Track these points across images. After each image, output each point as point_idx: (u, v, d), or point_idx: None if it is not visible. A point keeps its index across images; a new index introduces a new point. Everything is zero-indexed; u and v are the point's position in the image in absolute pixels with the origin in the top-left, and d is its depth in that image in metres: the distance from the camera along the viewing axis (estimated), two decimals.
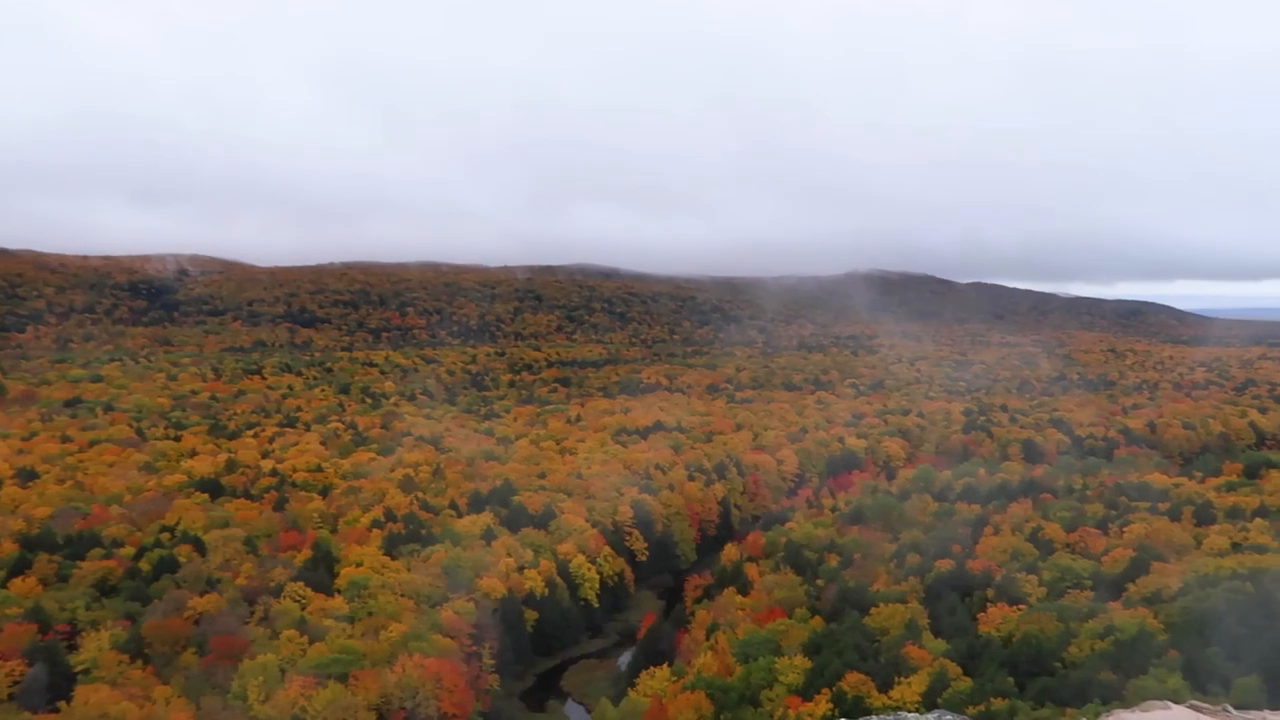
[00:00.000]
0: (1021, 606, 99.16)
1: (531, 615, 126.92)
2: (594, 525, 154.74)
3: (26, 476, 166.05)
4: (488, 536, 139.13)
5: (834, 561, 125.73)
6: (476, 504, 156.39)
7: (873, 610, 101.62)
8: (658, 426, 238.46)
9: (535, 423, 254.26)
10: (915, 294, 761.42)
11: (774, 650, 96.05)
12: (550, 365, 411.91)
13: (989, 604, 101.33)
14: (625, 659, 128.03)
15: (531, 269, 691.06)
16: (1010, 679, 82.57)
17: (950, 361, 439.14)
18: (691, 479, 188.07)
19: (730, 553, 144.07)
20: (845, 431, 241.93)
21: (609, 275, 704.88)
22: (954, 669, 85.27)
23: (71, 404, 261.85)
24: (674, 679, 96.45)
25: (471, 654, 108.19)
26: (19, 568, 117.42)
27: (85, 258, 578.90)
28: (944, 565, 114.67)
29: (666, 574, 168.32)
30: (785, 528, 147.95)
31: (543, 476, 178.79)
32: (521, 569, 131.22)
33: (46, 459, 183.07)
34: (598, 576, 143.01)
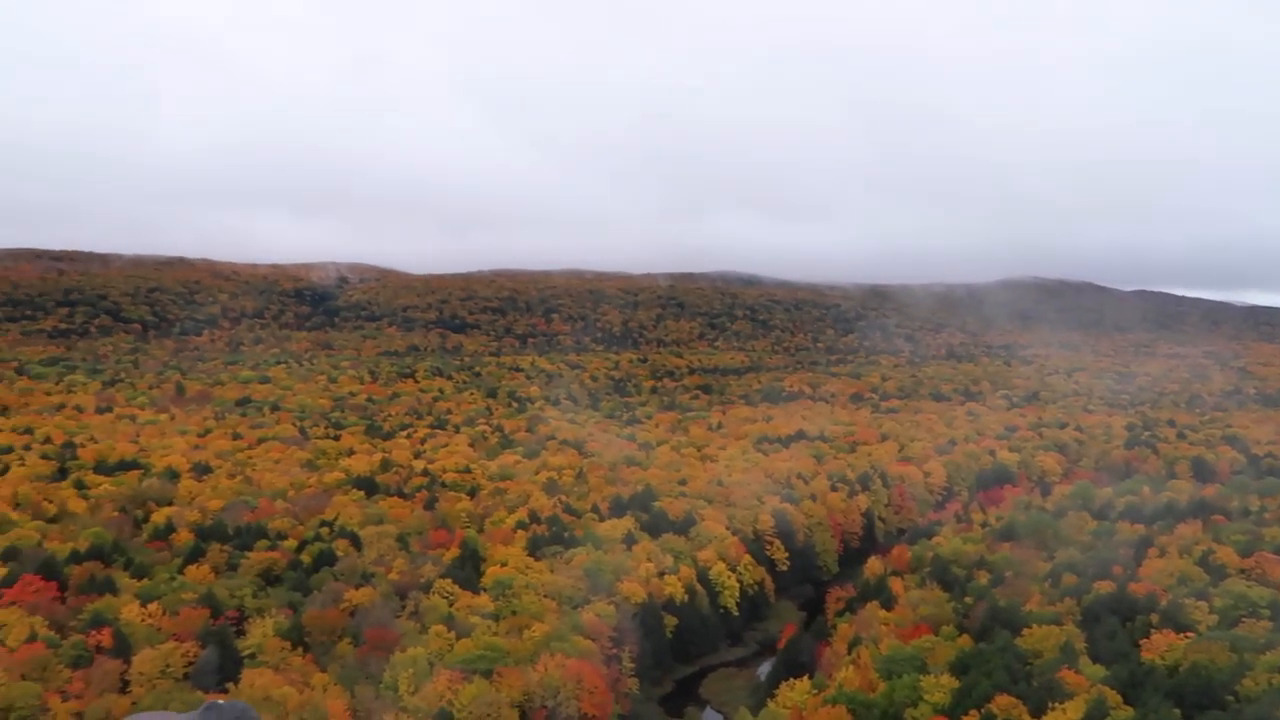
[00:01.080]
0: (1189, 634, 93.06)
1: (671, 621, 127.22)
2: (734, 533, 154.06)
3: (202, 471, 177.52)
4: (628, 541, 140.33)
5: (984, 579, 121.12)
6: (618, 508, 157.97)
7: (1025, 631, 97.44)
8: (800, 435, 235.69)
9: (676, 429, 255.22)
10: (1073, 301, 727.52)
11: (919, 668, 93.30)
12: (692, 372, 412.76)
13: (1153, 630, 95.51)
14: (764, 669, 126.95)
15: (673, 276, 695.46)
16: (1176, 710, 77.65)
17: (1111, 373, 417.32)
18: (834, 489, 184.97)
19: (874, 566, 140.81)
20: (997, 444, 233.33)
21: (750, 282, 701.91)
22: (1114, 697, 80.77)
23: (242, 403, 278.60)
24: (814, 692, 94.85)
25: (611, 656, 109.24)
26: (194, 555, 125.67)
27: (255, 266, 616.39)
28: (1103, 587, 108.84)
29: (807, 585, 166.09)
30: (932, 542, 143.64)
31: (683, 483, 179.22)
32: (662, 574, 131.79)
33: (219, 455, 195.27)
34: (737, 585, 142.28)
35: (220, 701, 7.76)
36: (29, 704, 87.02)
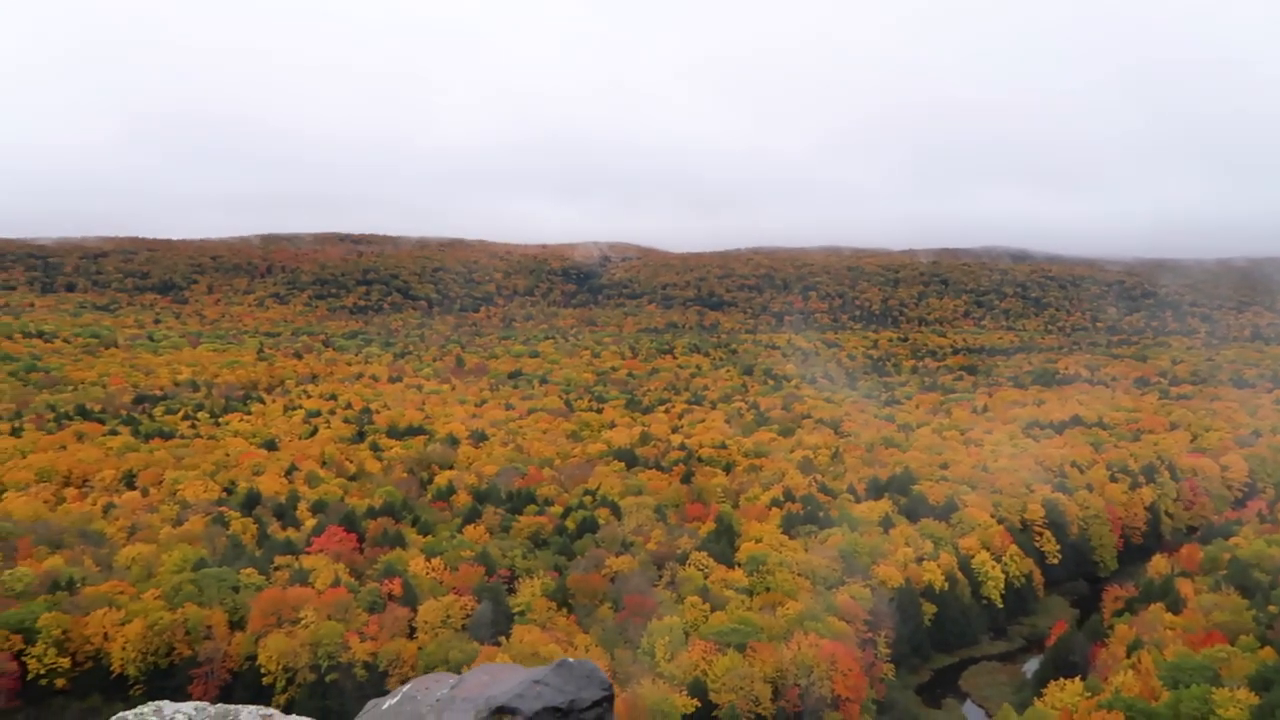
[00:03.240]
0: None
1: (930, 609, 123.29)
2: (1000, 522, 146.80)
3: (478, 438, 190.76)
4: (885, 524, 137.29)
5: None
6: (875, 490, 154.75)
7: None
8: (1075, 421, 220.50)
9: (938, 411, 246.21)
10: None
11: (1211, 679, 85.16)
12: (955, 352, 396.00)
13: None
14: (1031, 666, 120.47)
15: (936, 252, 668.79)
16: None
17: None
18: (1114, 480, 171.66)
19: (1159, 565, 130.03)
20: None
21: (1020, 257, 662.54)
22: None
23: (514, 376, 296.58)
24: (1087, 694, 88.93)
25: (866, 640, 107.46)
26: (471, 516, 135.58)
27: (525, 246, 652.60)
28: None
29: (1081, 581, 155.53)
30: (1229, 543, 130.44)
31: (945, 467, 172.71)
32: (920, 560, 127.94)
33: (493, 424, 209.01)
34: (1003, 576, 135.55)
35: (570, 660, 8.37)
36: (334, 641, 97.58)
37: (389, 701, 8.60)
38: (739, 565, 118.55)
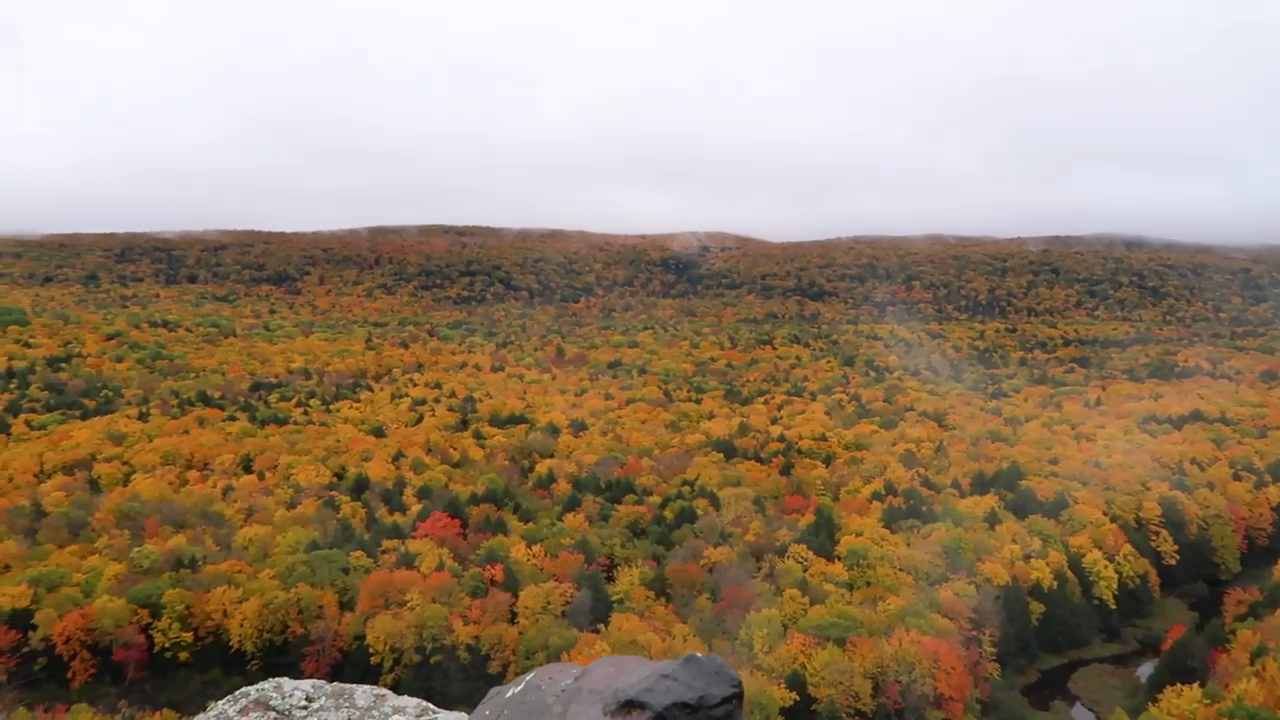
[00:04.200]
0: None
1: (1038, 608, 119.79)
2: (1113, 520, 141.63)
3: (578, 427, 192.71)
4: (991, 520, 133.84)
5: None
6: (980, 485, 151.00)
7: None
8: (1195, 416, 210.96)
9: (1048, 404, 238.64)
10: None
11: None
12: (1067, 343, 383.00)
13: None
14: (1145, 670, 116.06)
15: (1046, 240, 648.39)
16: None
17: None
18: (1238, 478, 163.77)
19: None
20: None
21: (1134, 245, 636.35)
22: None
23: (613, 366, 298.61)
24: (1206, 702, 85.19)
25: (970, 638, 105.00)
26: (571, 505, 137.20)
27: (624, 237, 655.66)
28: None
29: (1200, 583, 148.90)
30: None
31: (1054, 462, 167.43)
32: (1027, 558, 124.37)
33: (593, 413, 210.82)
34: (1115, 576, 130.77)
35: (698, 655, 8.43)
36: (438, 624, 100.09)
37: (512, 690, 8.75)
38: (839, 559, 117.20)
